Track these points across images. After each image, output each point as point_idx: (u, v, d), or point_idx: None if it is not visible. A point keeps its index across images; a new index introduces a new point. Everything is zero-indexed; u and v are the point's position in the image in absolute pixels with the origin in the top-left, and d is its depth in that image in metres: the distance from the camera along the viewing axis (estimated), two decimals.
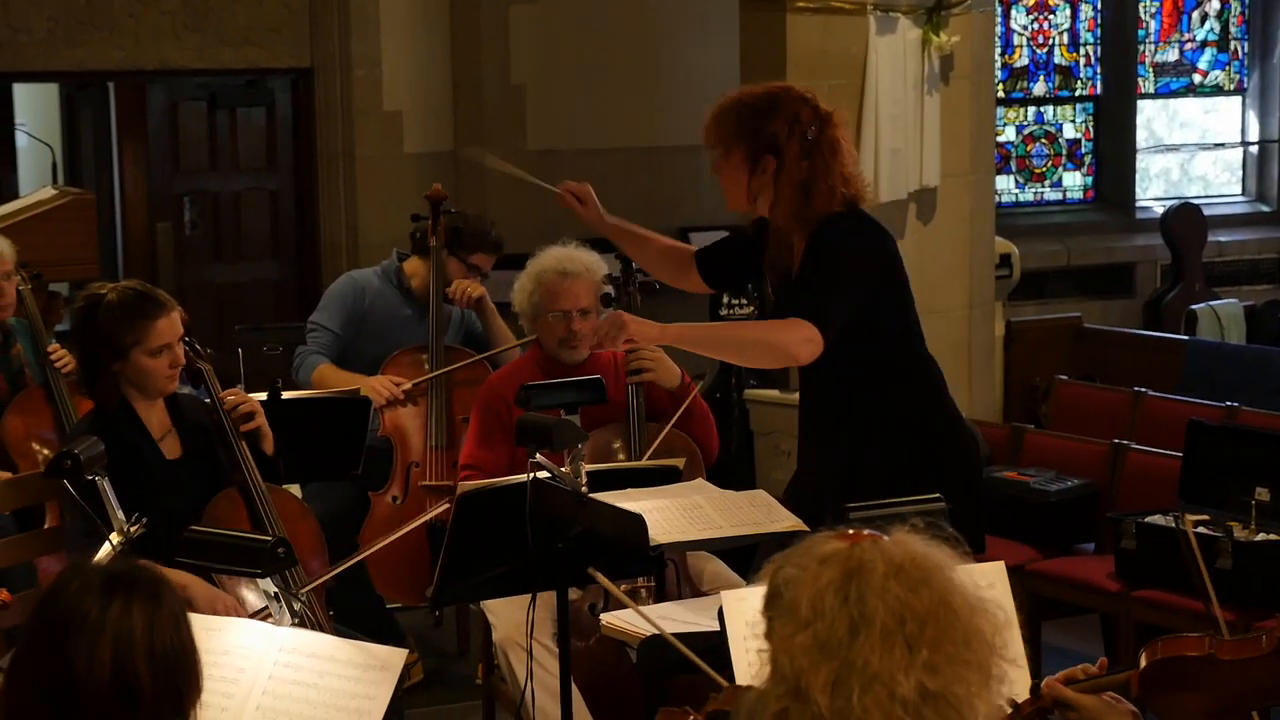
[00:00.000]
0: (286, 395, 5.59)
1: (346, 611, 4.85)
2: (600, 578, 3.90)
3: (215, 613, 4.35)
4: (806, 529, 4.21)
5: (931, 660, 2.23)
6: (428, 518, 5.18)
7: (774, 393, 7.54)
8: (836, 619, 2.24)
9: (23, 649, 2.61)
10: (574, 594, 4.72)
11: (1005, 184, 11.33)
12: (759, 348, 4.55)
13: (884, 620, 2.23)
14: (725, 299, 7.95)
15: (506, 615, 4.89)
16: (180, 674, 2.61)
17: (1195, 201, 11.48)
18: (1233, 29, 12.01)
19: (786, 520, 4.19)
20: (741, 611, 3.40)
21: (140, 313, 4.58)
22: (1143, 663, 2.98)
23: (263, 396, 5.25)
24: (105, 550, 3.95)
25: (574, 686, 4.37)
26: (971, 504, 4.49)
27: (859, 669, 2.21)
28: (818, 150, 4.46)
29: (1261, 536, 5.71)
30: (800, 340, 4.39)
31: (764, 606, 2.37)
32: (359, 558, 5.03)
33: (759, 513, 4.22)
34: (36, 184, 9.42)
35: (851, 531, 2.36)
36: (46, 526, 5.53)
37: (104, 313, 4.59)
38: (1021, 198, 11.60)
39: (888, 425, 4.50)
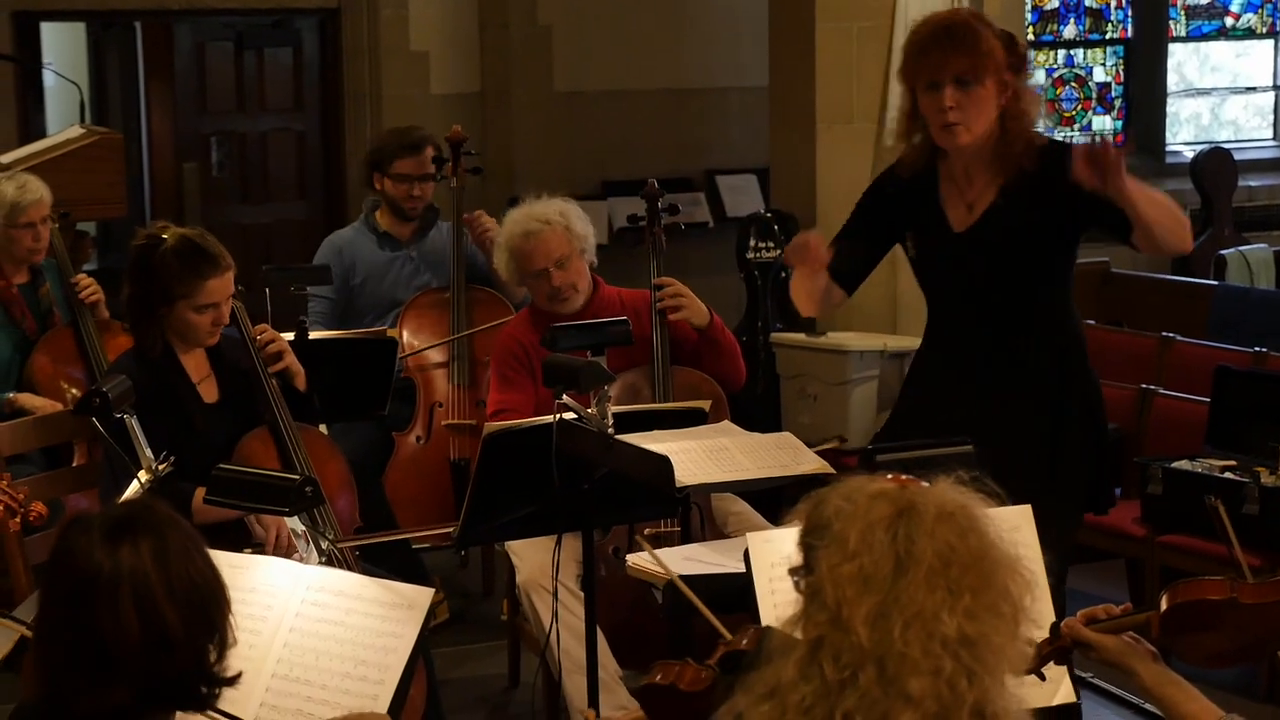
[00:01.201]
0: (314, 335, 5.61)
1: (372, 551, 4.87)
2: (645, 544, 3.89)
3: (280, 530, 4.39)
4: (832, 471, 4.21)
5: (972, 607, 2.25)
6: None
7: (800, 336, 7.52)
8: (884, 554, 2.26)
9: (45, 620, 2.60)
10: (598, 536, 4.74)
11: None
12: (1180, 224, 4.29)
13: (931, 562, 2.25)
14: (753, 241, 7.92)
15: (529, 557, 4.90)
16: (204, 601, 2.60)
17: (1226, 146, 11.40)
18: None
19: (812, 463, 4.18)
20: (767, 553, 3.40)
21: (194, 269, 4.58)
22: (1164, 605, 2.98)
23: (290, 336, 5.26)
24: (133, 488, 3.97)
25: (599, 627, 4.39)
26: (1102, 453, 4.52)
27: (902, 605, 2.24)
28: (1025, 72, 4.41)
29: None
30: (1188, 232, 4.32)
31: (805, 534, 2.38)
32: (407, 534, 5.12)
33: (785, 455, 4.22)
34: (64, 123, 9.39)
35: (892, 476, 2.38)
36: (74, 464, 5.56)
37: (159, 258, 4.58)
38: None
39: (1079, 380, 4.48)
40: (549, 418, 4.08)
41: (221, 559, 3.13)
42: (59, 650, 2.55)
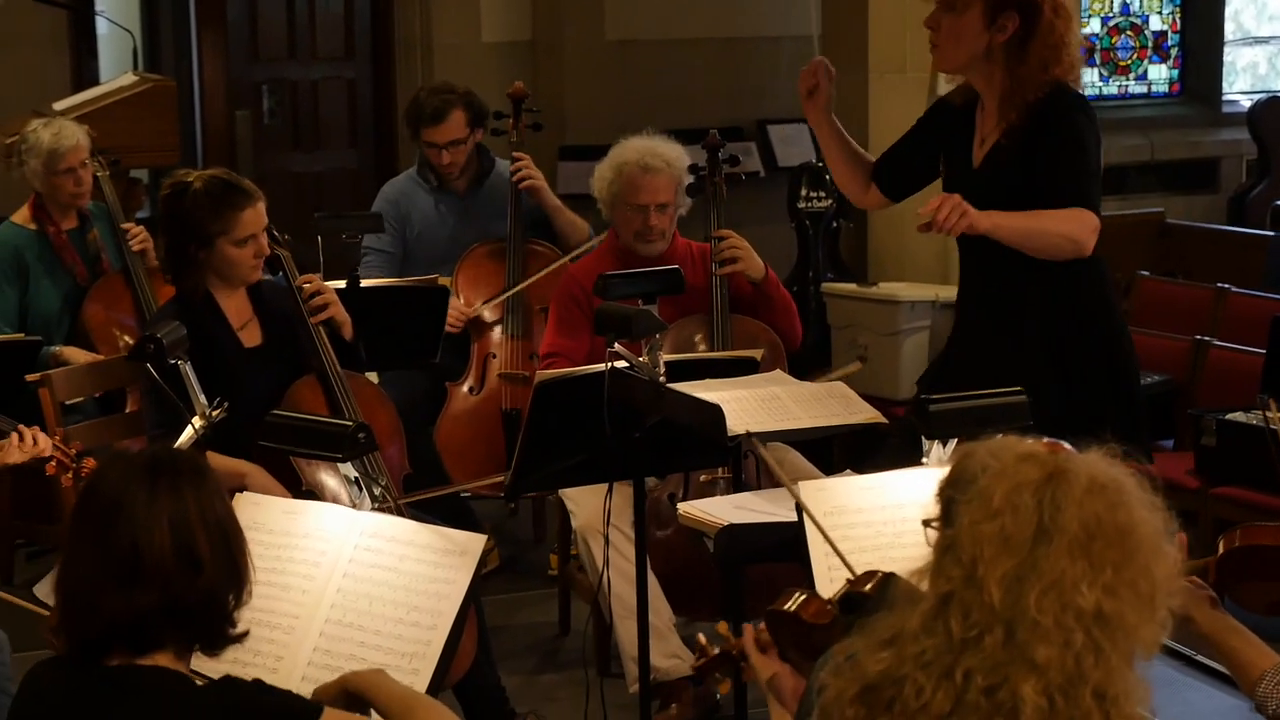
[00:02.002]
0: (365, 283, 5.61)
1: (423, 499, 4.88)
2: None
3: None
4: (884, 421, 4.20)
5: (1112, 583, 2.20)
6: None
7: (851, 286, 7.50)
8: (1028, 517, 2.21)
9: (76, 534, 2.63)
10: (651, 483, 4.74)
11: (1089, 77, 11.16)
12: (1059, 240, 4.34)
13: (1076, 532, 2.20)
14: (804, 191, 7.89)
15: (586, 503, 4.91)
16: (231, 544, 2.64)
17: None
18: None
19: (864, 413, 4.18)
20: (819, 502, 3.39)
21: (227, 202, 4.58)
22: (1221, 550, 2.96)
23: (341, 284, 5.27)
24: (187, 434, 3.99)
25: (651, 575, 4.39)
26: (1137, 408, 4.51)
27: (1040, 572, 2.19)
28: (1063, 14, 4.36)
29: None
30: (1090, 231, 4.33)
31: (947, 485, 2.34)
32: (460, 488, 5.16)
33: (837, 404, 4.21)
34: (117, 70, 9.42)
35: (1047, 441, 2.34)
36: (127, 411, 5.59)
37: (190, 200, 4.59)
38: (1105, 91, 11.43)
39: (1097, 327, 4.47)
40: (601, 366, 4.08)
41: (277, 504, 3.16)
42: (90, 555, 2.58)
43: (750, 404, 4.15)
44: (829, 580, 3.23)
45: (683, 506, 4.32)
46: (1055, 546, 2.20)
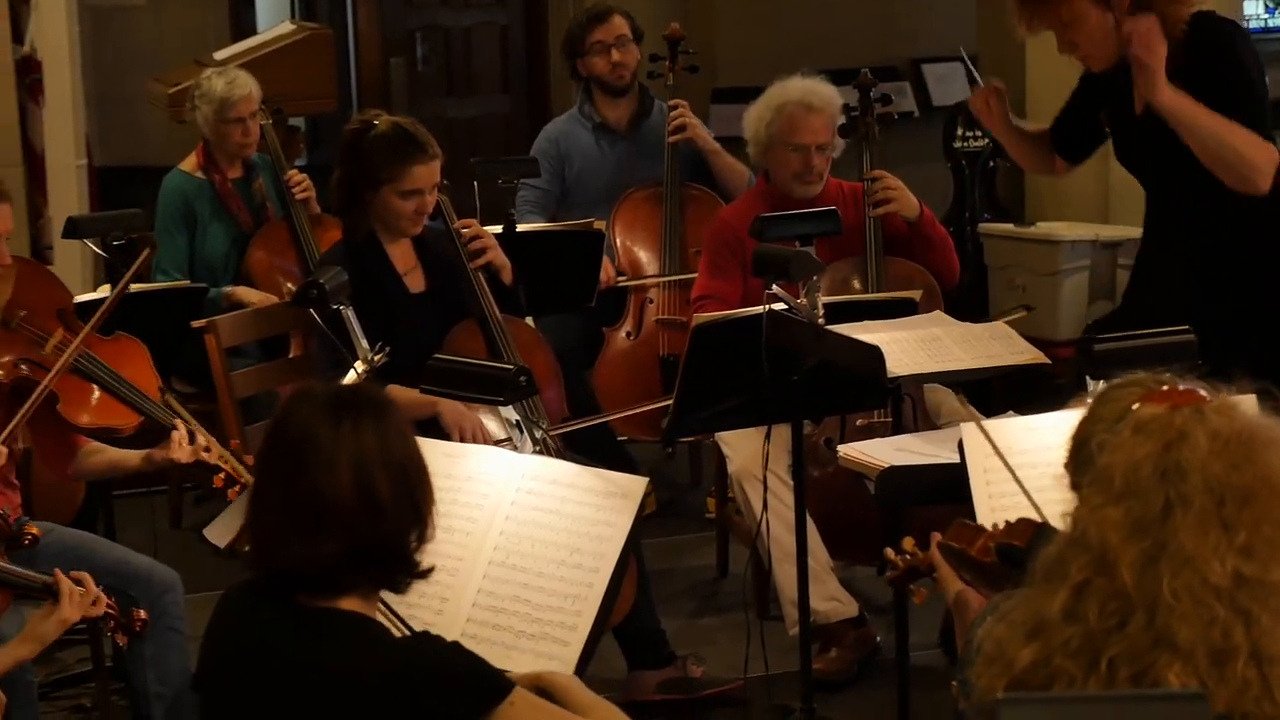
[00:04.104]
0: (522, 228, 5.63)
1: (581, 444, 4.90)
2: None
3: (461, 429, 4.45)
4: (1047, 361, 4.16)
5: (1249, 543, 2.12)
6: None
7: (1009, 226, 7.41)
8: (1152, 496, 2.14)
9: (263, 474, 2.67)
10: (808, 428, 4.72)
11: (1253, 9, 10.93)
12: (1233, 156, 4.22)
13: (1202, 501, 2.12)
14: (960, 130, 7.81)
15: (743, 446, 4.90)
16: (415, 485, 2.65)
17: None
18: None
19: (1027, 353, 4.14)
20: (981, 444, 3.37)
21: (402, 153, 4.61)
22: None
23: (498, 229, 5.29)
24: (350, 378, 4.03)
25: (809, 518, 4.38)
26: None
27: (1171, 551, 2.12)
28: None
29: None
30: (1268, 162, 4.22)
31: (1068, 460, 2.31)
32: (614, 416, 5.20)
33: (998, 345, 4.17)
34: (273, 20, 9.53)
35: (1169, 388, 2.26)
36: (290, 356, 5.67)
37: (368, 142, 4.63)
38: (1270, 23, 11.18)
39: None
40: (759, 308, 4.07)
41: (439, 447, 3.18)
42: (274, 504, 2.61)
43: (910, 345, 4.12)
44: (991, 524, 3.21)
45: (843, 449, 4.30)
46: (1183, 521, 2.12)
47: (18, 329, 4.19)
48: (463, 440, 4.43)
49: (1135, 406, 2.25)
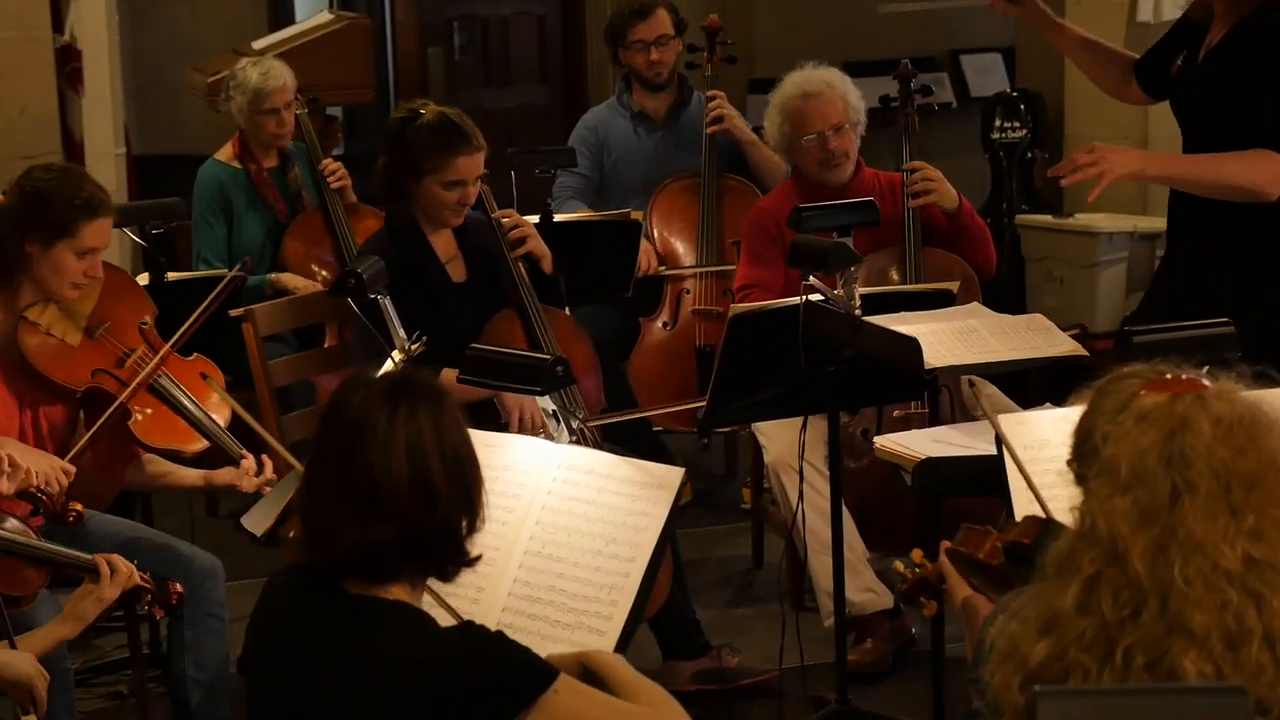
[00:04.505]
0: (559, 218, 5.63)
1: (617, 435, 4.91)
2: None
3: (521, 411, 4.46)
4: (1085, 353, 4.14)
5: (1258, 526, 2.13)
6: None
7: (1047, 217, 7.38)
8: (1158, 484, 2.14)
9: (318, 459, 2.68)
10: (843, 419, 4.72)
11: None
12: (1233, 188, 4.31)
13: (1208, 487, 2.13)
14: (998, 121, 7.78)
15: (778, 437, 4.90)
16: (468, 473, 2.67)
17: None
18: None
19: (1065, 345, 4.12)
20: (1019, 436, 3.36)
21: (446, 144, 4.62)
22: None
23: (535, 219, 5.30)
24: (387, 368, 4.04)
25: (845, 509, 4.38)
26: None
27: (1180, 538, 2.12)
28: None
29: None
30: (1271, 178, 4.25)
31: (1072, 459, 2.30)
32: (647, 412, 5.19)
33: (1036, 337, 4.16)
34: (313, 9, 9.55)
35: (1170, 377, 2.26)
36: (326, 345, 5.68)
37: (413, 131, 4.64)
38: None
39: None
40: (796, 299, 4.06)
41: (477, 437, 3.18)
42: (330, 487, 2.62)
43: (947, 337, 4.11)
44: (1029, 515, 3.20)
45: (880, 440, 4.29)
46: (1191, 507, 2.12)
47: (100, 340, 4.23)
48: (520, 424, 4.46)
49: (1137, 397, 2.25)
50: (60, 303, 4.15)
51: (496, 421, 4.48)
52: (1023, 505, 3.31)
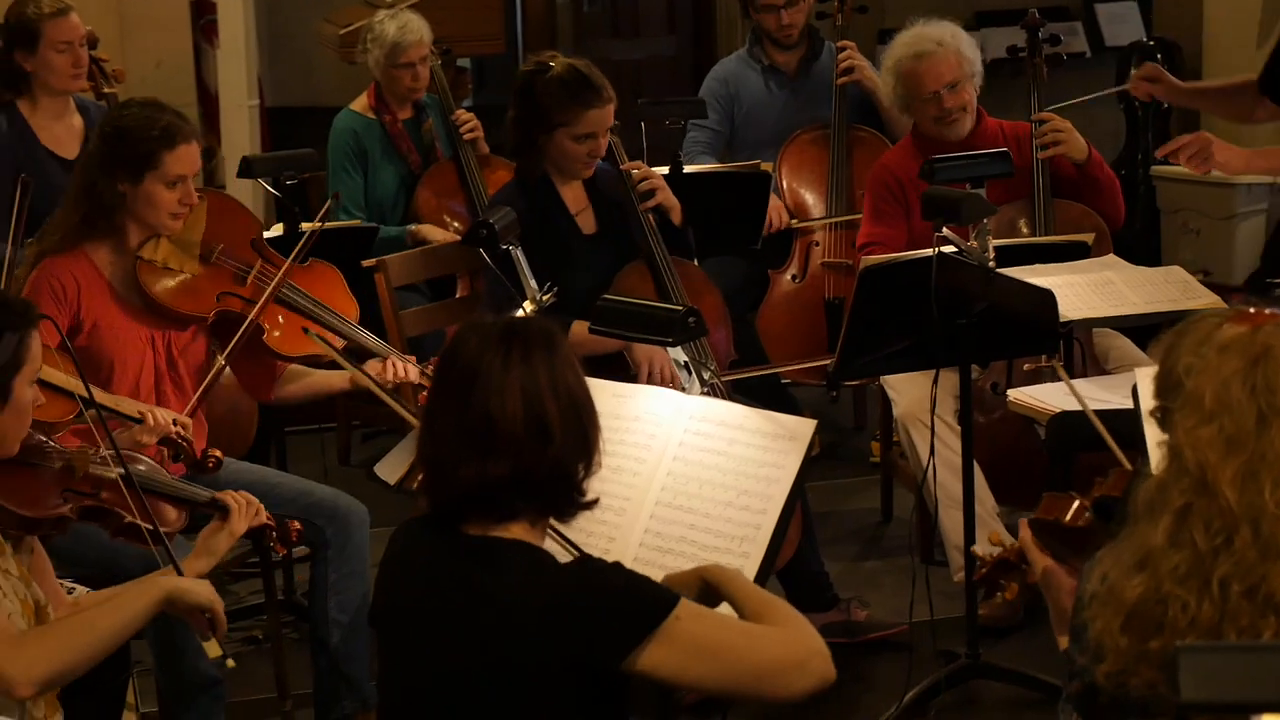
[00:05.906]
0: (688, 169, 5.62)
1: (743, 388, 4.89)
2: (1063, 373, 3.83)
3: (652, 363, 4.48)
4: (1224, 305, 4.09)
5: None
6: None
7: (1182, 169, 7.27)
8: (1244, 411, 2.16)
9: (435, 401, 2.72)
10: (975, 371, 4.69)
11: None
12: None
13: None
14: (1133, 71, 7.62)
15: (908, 390, 4.88)
16: (583, 415, 2.68)
17: None
18: None
19: (1204, 298, 4.07)
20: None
21: (576, 96, 4.63)
22: None
23: (665, 170, 5.29)
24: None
25: (975, 463, 4.35)
26: None
27: (1270, 461, 2.14)
28: None
29: None
30: None
31: (1156, 393, 2.30)
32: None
33: (1174, 289, 4.11)
34: None
35: (1252, 311, 2.26)
36: (457, 296, 5.71)
37: (543, 85, 4.65)
38: None
39: None
40: (928, 251, 4.04)
41: (607, 387, 3.20)
42: (447, 424, 2.65)
43: (1082, 289, 4.07)
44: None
45: (1013, 394, 4.26)
46: (1277, 431, 2.14)
47: (217, 263, 4.26)
48: (650, 376, 4.47)
49: (1218, 330, 2.24)
50: (169, 236, 4.17)
51: (626, 373, 4.49)
52: (1159, 461, 3.27)
